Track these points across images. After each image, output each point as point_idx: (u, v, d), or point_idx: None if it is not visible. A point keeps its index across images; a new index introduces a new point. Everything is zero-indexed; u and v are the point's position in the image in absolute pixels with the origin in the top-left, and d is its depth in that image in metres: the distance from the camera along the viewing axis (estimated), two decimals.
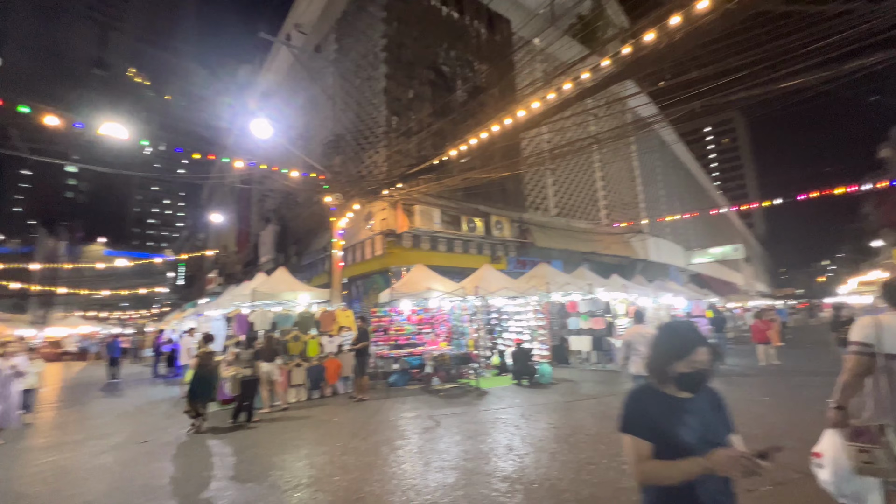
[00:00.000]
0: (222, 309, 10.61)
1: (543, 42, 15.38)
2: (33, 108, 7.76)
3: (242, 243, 25.12)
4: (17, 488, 4.57)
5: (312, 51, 17.76)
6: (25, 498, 4.29)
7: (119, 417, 8.21)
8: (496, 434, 5.75)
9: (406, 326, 11.10)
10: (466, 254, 14.56)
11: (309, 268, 17.11)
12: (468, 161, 11.61)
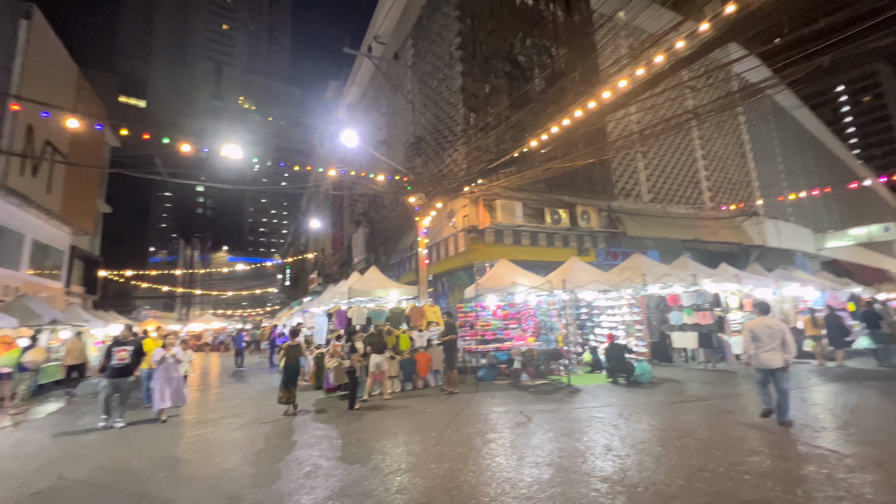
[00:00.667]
0: (324, 306, 11.63)
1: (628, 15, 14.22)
2: (172, 139, 9.26)
3: (337, 246, 27.26)
4: (176, 454, 5.51)
5: (392, 59, 18.57)
6: (183, 462, 5.17)
7: (245, 401, 9.43)
8: (592, 433, 5.50)
9: (492, 322, 11.13)
10: (551, 247, 14.11)
11: (397, 266, 17.98)
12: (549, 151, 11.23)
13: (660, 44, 7.25)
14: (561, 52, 14.85)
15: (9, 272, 16.25)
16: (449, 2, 14.42)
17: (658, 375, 9.33)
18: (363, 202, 22.04)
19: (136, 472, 4.86)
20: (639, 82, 7.70)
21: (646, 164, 16.99)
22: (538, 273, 11.22)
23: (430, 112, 15.57)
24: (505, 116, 12.60)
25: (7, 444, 6.40)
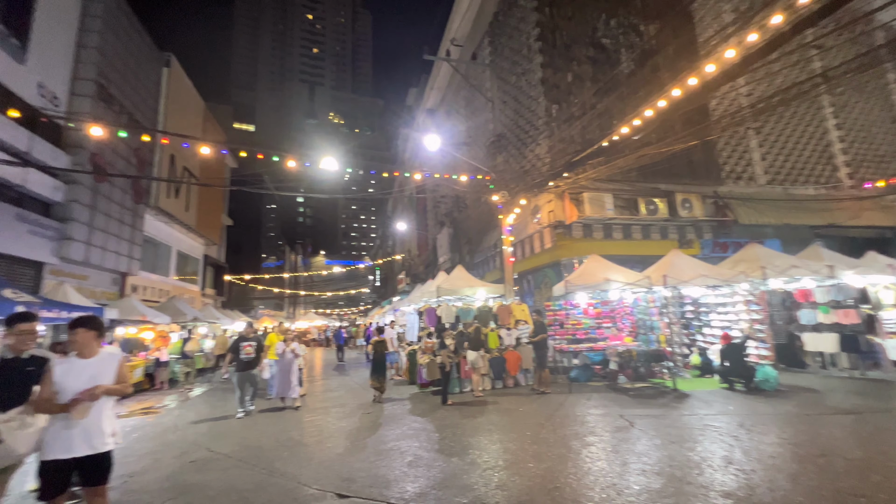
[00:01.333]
0: (414, 304, 12.14)
1: None
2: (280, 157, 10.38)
3: (422, 246, 28.26)
4: (295, 437, 6.19)
5: (469, 60, 18.73)
6: (302, 445, 5.78)
7: (348, 392, 10.23)
8: (707, 443, 4.99)
9: (583, 320, 10.66)
10: (647, 240, 13.07)
11: (481, 265, 18.08)
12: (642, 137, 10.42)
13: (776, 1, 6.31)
14: (651, 29, 13.68)
15: (161, 278, 19.57)
16: None
17: (786, 382, 8.14)
18: (446, 203, 22.55)
19: (265, 450, 5.56)
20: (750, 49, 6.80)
21: (760, 142, 14.89)
22: (633, 268, 10.46)
23: (509, 108, 15.41)
24: (591, 105, 11.98)
25: (168, 419, 7.75)
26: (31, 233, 11.56)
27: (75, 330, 2.91)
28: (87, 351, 2.91)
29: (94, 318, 3.05)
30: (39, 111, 11.71)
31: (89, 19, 14.21)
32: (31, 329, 3.22)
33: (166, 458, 5.38)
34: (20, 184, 11.29)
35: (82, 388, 2.73)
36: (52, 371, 2.79)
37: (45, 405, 2.75)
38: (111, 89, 14.75)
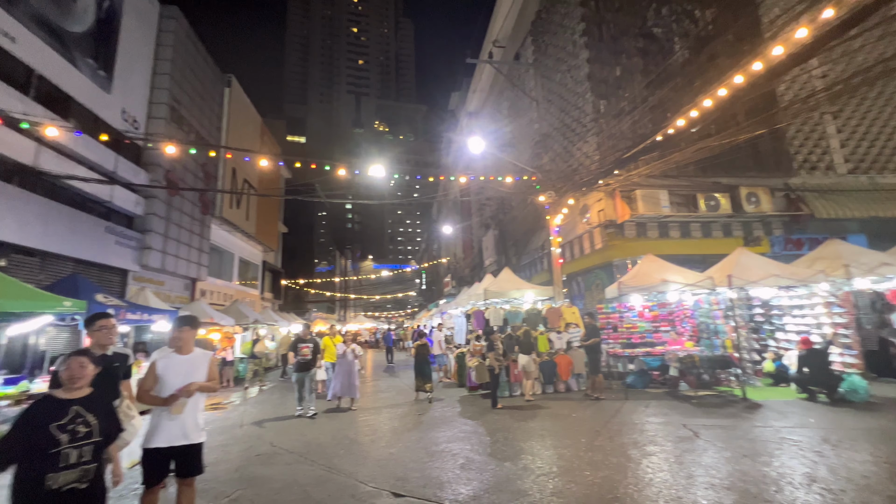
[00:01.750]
0: (461, 307, 12.18)
1: None
2: (331, 166, 10.83)
3: (468, 249, 28.29)
4: (350, 436, 6.40)
5: (512, 60, 18.58)
6: (357, 443, 5.97)
7: (398, 393, 10.42)
8: (785, 458, 4.58)
9: (639, 323, 10.18)
10: (708, 238, 12.26)
11: (528, 266, 17.80)
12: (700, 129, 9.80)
13: None
14: (708, 14, 12.87)
15: (225, 283, 21.02)
16: None
17: (879, 394, 7.29)
18: (491, 206, 22.44)
19: (324, 447, 5.79)
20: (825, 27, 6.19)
21: (839, 127, 13.51)
22: (693, 269, 9.85)
23: (554, 107, 15.09)
24: (642, 98, 11.46)
25: (234, 415, 8.29)
26: (118, 243, 12.86)
27: (182, 328, 3.20)
28: (186, 348, 3.19)
29: (195, 318, 3.36)
30: (123, 134, 13.04)
31: (162, 48, 15.66)
32: (109, 324, 3.51)
33: (234, 451, 5.75)
34: (108, 200, 12.61)
35: (180, 381, 3.00)
36: (156, 365, 3.07)
37: (147, 396, 3.02)
38: (181, 111, 16.14)
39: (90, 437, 2.25)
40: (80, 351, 2.49)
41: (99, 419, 2.32)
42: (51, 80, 10.93)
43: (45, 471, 2.09)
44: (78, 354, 2.44)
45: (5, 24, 9.71)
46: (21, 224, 9.74)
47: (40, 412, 2.24)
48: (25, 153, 9.98)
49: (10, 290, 5.71)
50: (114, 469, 2.61)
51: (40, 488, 2.07)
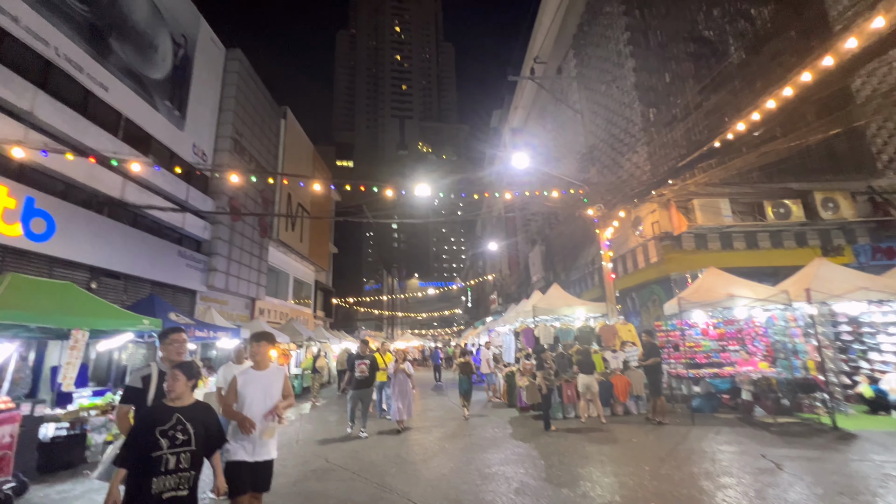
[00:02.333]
0: (510, 324, 11.95)
1: None
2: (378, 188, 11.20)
3: (514, 266, 27.91)
4: (402, 455, 6.39)
5: (555, 74, 18.50)
6: (409, 463, 5.94)
7: (446, 412, 10.29)
8: (892, 499, 3.99)
9: (703, 342, 9.48)
10: (778, 248, 11.27)
11: (578, 282, 17.22)
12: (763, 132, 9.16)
13: None
14: (766, 12, 12.16)
15: (281, 302, 22.09)
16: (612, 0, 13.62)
17: None
18: (537, 221, 22.11)
19: (376, 465, 5.81)
20: None
21: None
22: (763, 282, 9.07)
23: (600, 118, 14.75)
24: (696, 104, 10.94)
25: (291, 430, 8.55)
26: (188, 266, 13.97)
27: (260, 342, 3.33)
28: (263, 363, 3.33)
29: (271, 334, 3.49)
30: (194, 167, 14.31)
31: (227, 87, 17.17)
32: (181, 339, 3.57)
33: (291, 465, 5.91)
34: (181, 226, 13.80)
35: (259, 396, 3.14)
36: (236, 381, 3.23)
37: (230, 411, 3.16)
38: (243, 142, 17.50)
39: (187, 444, 2.39)
40: (177, 364, 2.66)
41: (196, 429, 2.45)
42: (135, 121, 12.29)
43: (151, 474, 2.25)
44: (175, 368, 2.60)
45: (100, 76, 11.10)
46: (110, 251, 10.87)
47: (152, 415, 2.44)
48: (114, 187, 11.21)
49: (100, 309, 6.34)
50: (216, 480, 2.66)
51: (148, 493, 2.22)
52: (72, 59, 10.28)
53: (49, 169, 9.56)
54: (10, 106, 8.80)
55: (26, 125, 9.09)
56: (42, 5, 9.64)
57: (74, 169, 10.01)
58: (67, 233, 9.71)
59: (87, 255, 10.24)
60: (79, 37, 10.56)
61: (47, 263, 9.51)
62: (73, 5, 10.47)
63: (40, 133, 9.36)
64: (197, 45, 15.47)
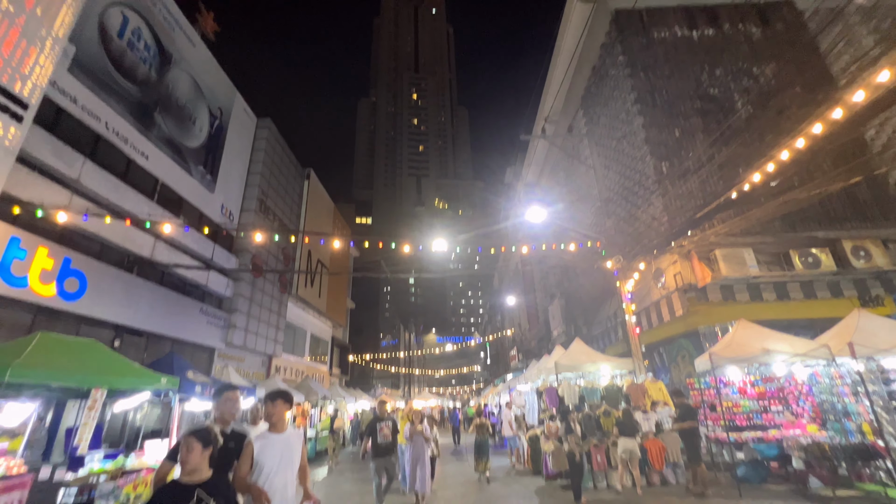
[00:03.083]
0: (531, 382, 11.44)
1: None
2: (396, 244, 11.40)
3: (533, 320, 27.29)
4: None
5: (566, 132, 19.22)
6: None
7: (468, 482, 9.55)
8: None
9: (741, 402, 8.83)
10: (811, 299, 10.78)
11: (601, 336, 16.63)
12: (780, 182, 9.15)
13: None
14: (768, 70, 12.64)
15: (297, 358, 21.86)
16: (617, 64, 14.42)
17: None
18: (555, 274, 21.91)
19: None
20: None
21: None
22: (799, 335, 8.58)
23: (613, 172, 15.05)
24: (707, 157, 11.10)
25: None
26: (209, 323, 14.13)
27: (275, 402, 3.06)
28: (281, 425, 3.07)
29: (288, 392, 3.20)
30: (221, 227, 14.96)
31: (256, 152, 18.36)
32: (235, 397, 3.38)
33: None
34: (204, 284, 14.16)
35: (276, 464, 2.89)
36: (252, 447, 2.93)
37: (242, 483, 2.80)
38: (268, 202, 18.35)
39: None
40: (190, 431, 2.44)
41: (219, 503, 2.28)
42: (170, 186, 13.10)
43: None
44: (188, 435, 2.40)
45: (142, 146, 12.05)
46: (135, 309, 11.14)
47: (166, 498, 2.25)
48: (145, 246, 11.72)
49: (121, 367, 6.37)
50: None
51: None
52: (119, 132, 11.25)
53: (87, 231, 10.12)
54: (60, 175, 9.55)
55: (72, 191, 9.79)
56: (99, 87, 10.76)
57: (110, 230, 10.58)
58: (98, 291, 10.05)
59: (113, 313, 10.51)
60: (127, 112, 11.64)
61: (75, 322, 9.76)
62: (125, 86, 11.66)
63: (83, 198, 10.04)
64: (231, 116, 16.81)
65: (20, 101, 7.89)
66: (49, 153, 9.23)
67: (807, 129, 6.90)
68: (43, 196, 8.94)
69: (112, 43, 11.33)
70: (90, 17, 10.61)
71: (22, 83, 7.98)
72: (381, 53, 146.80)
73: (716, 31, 14.09)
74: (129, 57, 11.85)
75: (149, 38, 12.67)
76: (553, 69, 17.99)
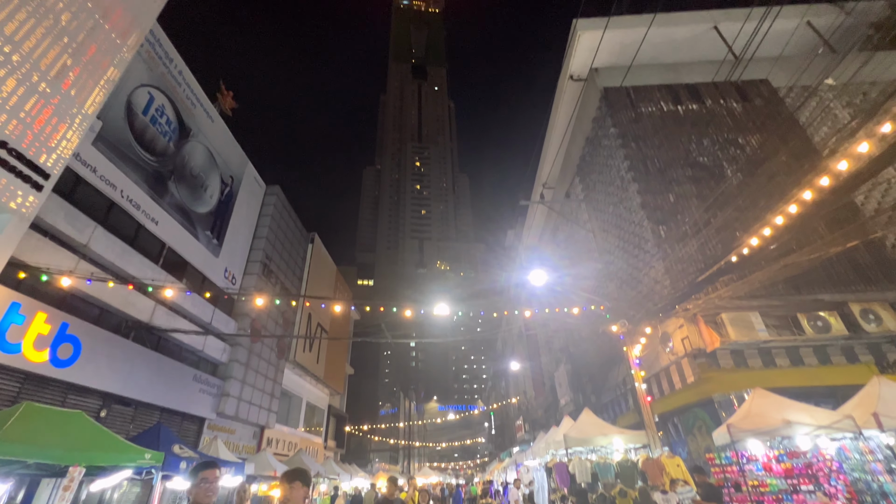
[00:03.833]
0: (539, 458, 10.69)
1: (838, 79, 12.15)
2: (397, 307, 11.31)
3: (539, 387, 26.18)
4: None
5: (563, 198, 19.85)
6: None
7: None
8: None
9: (768, 480, 8.16)
10: (826, 365, 10.39)
11: (611, 406, 15.82)
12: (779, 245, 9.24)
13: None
14: (753, 140, 13.35)
15: (291, 430, 20.69)
16: (609, 135, 15.28)
17: None
18: (560, 338, 21.43)
19: None
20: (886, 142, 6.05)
21: None
22: (819, 404, 8.17)
23: (612, 236, 15.30)
24: (704, 222, 11.34)
25: None
26: (201, 391, 13.58)
27: (294, 483, 2.71)
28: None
29: (306, 472, 2.86)
30: (223, 291, 14.95)
31: (263, 218, 18.87)
32: (212, 477, 3.00)
33: None
34: (200, 349, 13.83)
35: None
36: None
37: None
38: (271, 265, 18.50)
39: None
40: None
41: None
42: (177, 250, 13.32)
43: None
44: None
45: (153, 212, 12.43)
46: (126, 376, 10.79)
47: None
48: (145, 311, 11.63)
49: (104, 442, 6.01)
50: None
51: None
52: (133, 200, 11.68)
53: (89, 295, 10.11)
54: (69, 240, 9.76)
55: (79, 256, 9.93)
56: (119, 158, 11.37)
57: (112, 295, 10.57)
58: (90, 358, 9.80)
59: (103, 381, 10.15)
60: (143, 181, 12.17)
61: (63, 391, 9.40)
62: (144, 157, 12.32)
63: (89, 262, 10.16)
64: (242, 183, 17.54)
65: (43, 172, 8.29)
66: (62, 219, 9.51)
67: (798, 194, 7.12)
68: (50, 261, 9.06)
69: (136, 119, 12.16)
70: (119, 96, 11.50)
71: (48, 155, 8.43)
72: (386, 126, 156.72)
73: (699, 105, 15.09)
74: (150, 131, 12.65)
75: (171, 114, 13.62)
76: (549, 140, 19.05)
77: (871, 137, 6.20)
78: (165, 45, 13.46)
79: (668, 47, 15.82)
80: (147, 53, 12.62)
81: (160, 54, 13.21)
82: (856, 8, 14.02)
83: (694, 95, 15.42)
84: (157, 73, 13.06)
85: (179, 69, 14.07)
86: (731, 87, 15.25)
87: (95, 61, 9.38)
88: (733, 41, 14.92)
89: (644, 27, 13.38)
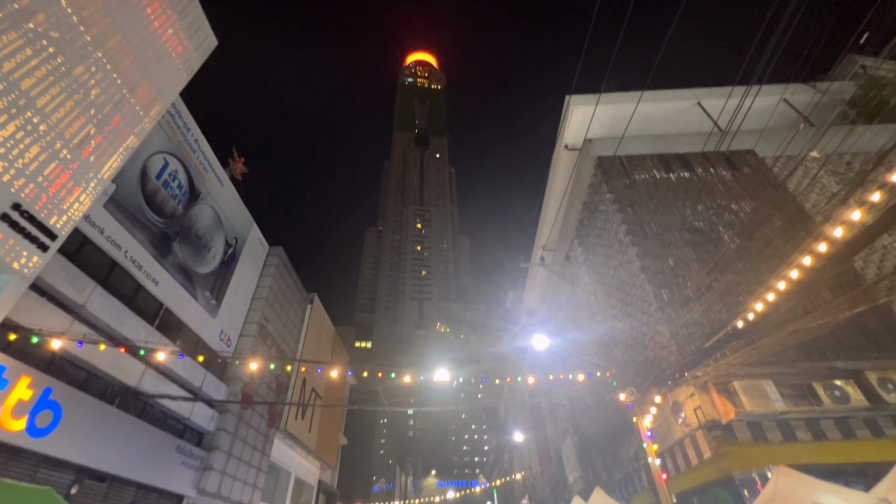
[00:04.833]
0: None
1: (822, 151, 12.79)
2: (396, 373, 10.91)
3: (545, 461, 24.44)
4: None
5: (563, 260, 19.99)
6: None
7: None
8: None
9: None
10: (850, 439, 9.74)
11: (624, 483, 14.64)
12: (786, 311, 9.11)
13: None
14: (746, 206, 13.72)
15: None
16: (605, 200, 15.75)
17: None
18: (565, 407, 20.42)
19: None
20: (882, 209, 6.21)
21: None
22: (850, 484, 7.54)
23: (614, 299, 15.17)
24: (706, 286, 11.30)
25: None
26: (183, 464, 12.66)
27: None
28: None
29: None
30: (217, 354, 14.53)
31: (263, 278, 18.87)
32: None
33: None
34: (187, 416, 13.12)
35: None
36: None
37: None
38: (268, 327, 18.14)
39: None
40: None
41: None
42: (174, 311, 13.14)
43: None
44: None
45: (154, 272, 12.45)
46: (104, 447, 10.12)
47: None
48: (134, 374, 11.20)
49: None
50: None
51: None
52: (136, 260, 11.75)
53: (78, 358, 9.80)
54: (66, 299, 9.66)
55: (73, 316, 9.77)
56: (127, 219, 11.63)
57: (101, 357, 10.25)
58: (69, 427, 9.26)
59: (79, 452, 9.50)
60: (148, 242, 12.33)
61: (35, 463, 8.76)
62: (152, 219, 12.61)
63: (83, 324, 9.97)
64: (245, 244, 17.77)
65: (51, 233, 8.42)
66: (63, 279, 9.49)
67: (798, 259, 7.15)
68: (43, 322, 8.90)
69: (149, 182, 12.63)
70: (136, 161, 12.04)
71: (58, 217, 8.62)
72: (389, 190, 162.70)
73: (690, 173, 15.72)
74: (161, 194, 13.08)
75: (183, 178, 14.17)
76: (547, 205, 19.62)
77: (862, 205, 6.37)
78: (185, 117, 14.36)
79: (657, 120, 16.87)
80: (167, 123, 13.42)
81: (179, 125, 14.05)
82: (830, 88, 15.12)
83: (685, 164, 16.14)
84: (175, 141, 13.79)
85: (195, 137, 14.88)
86: (720, 156, 16.01)
87: (117, 131, 9.94)
88: (718, 116, 15.95)
89: (633, 102, 14.36)
